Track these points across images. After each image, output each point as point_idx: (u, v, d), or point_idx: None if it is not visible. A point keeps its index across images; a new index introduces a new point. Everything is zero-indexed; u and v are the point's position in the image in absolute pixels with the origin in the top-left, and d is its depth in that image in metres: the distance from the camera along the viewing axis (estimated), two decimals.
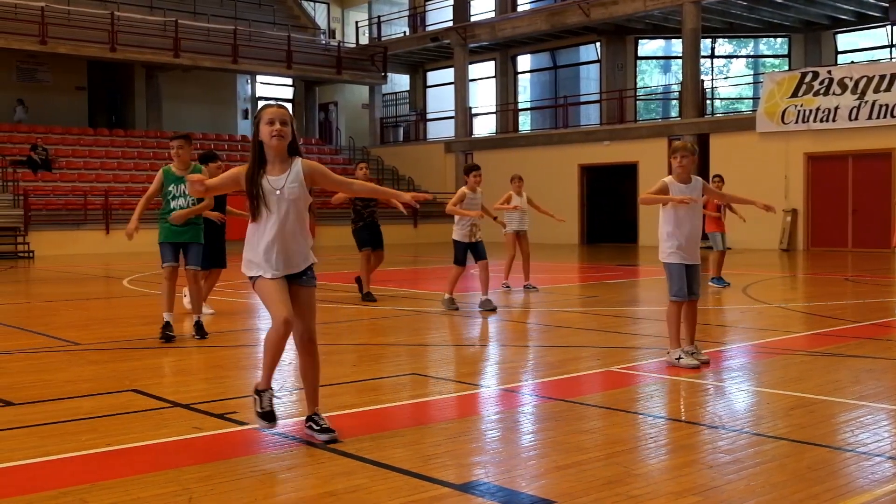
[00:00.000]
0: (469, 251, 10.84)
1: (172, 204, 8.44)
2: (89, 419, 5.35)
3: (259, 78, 37.50)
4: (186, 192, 8.35)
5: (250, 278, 4.86)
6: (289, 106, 38.99)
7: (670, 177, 7.06)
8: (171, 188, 8.45)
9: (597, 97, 32.01)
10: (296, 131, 4.92)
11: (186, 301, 10.40)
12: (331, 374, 6.85)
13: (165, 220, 8.48)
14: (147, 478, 4.17)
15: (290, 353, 7.86)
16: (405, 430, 5.15)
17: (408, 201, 5.14)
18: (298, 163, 4.86)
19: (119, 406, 5.71)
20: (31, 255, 24.09)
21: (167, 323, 8.46)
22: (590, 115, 32.59)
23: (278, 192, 4.75)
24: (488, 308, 10.58)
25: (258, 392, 4.90)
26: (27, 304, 13.09)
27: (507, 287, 13.21)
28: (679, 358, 6.90)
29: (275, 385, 5.32)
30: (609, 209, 29.42)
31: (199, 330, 8.64)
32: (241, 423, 5.18)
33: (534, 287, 13.19)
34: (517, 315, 10.75)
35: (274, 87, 39.17)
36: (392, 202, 5.36)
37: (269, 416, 4.83)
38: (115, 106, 34.82)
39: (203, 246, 8.90)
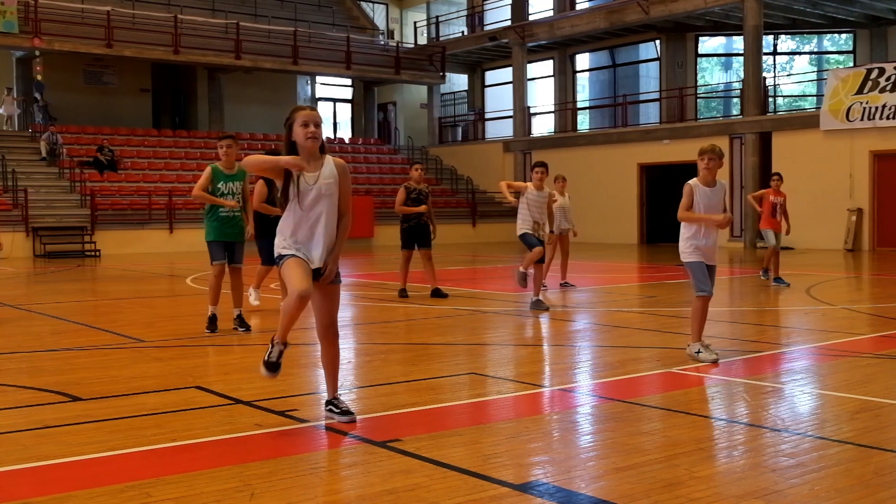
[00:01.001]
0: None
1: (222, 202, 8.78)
2: (154, 415, 5.45)
3: (318, 79, 37.80)
4: (234, 191, 8.78)
5: (277, 258, 5.09)
6: (348, 106, 39.36)
7: (695, 179, 7.17)
8: (219, 185, 8.77)
9: (656, 95, 31.70)
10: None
11: (253, 298, 10.59)
12: (389, 374, 6.90)
13: (213, 220, 8.78)
14: (210, 473, 4.24)
15: (348, 351, 7.95)
16: (464, 429, 5.16)
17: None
18: (330, 160, 5.10)
19: (183, 402, 5.81)
20: (97, 253, 24.59)
21: (213, 316, 8.92)
22: (649, 114, 32.30)
23: (313, 188, 4.96)
24: (540, 308, 10.59)
25: (272, 341, 5.17)
26: (94, 301, 13.36)
27: (568, 286, 13.20)
28: (698, 352, 7.04)
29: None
30: (668, 209, 29.06)
31: (241, 323, 8.99)
32: (302, 421, 5.24)
33: (571, 284, 13.23)
34: (575, 315, 10.70)
35: (333, 88, 39.46)
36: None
37: (272, 367, 5.16)
38: (178, 107, 35.37)
39: (267, 241, 9.20)
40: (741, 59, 28.27)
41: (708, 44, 32.28)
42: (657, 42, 31.61)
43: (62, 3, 29.51)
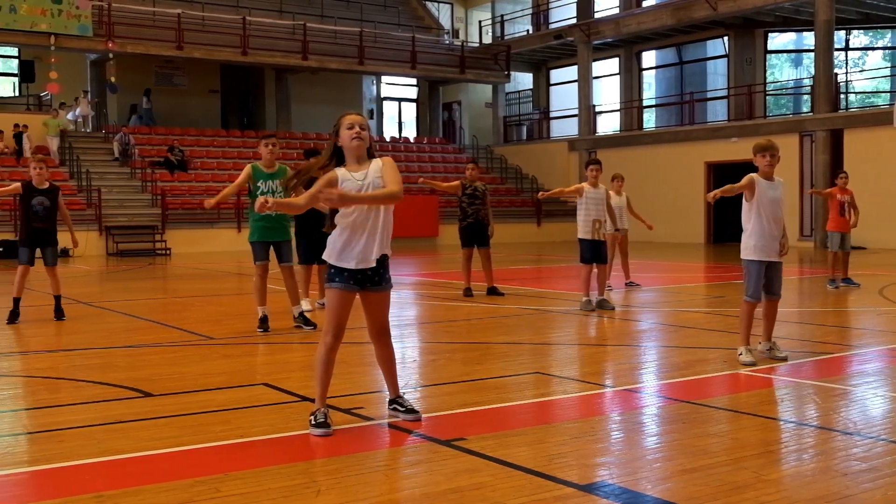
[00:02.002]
0: (592, 251, 10.74)
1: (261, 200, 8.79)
2: (222, 411, 5.54)
3: (384, 78, 38.03)
4: (274, 189, 8.77)
5: (330, 267, 5.05)
6: (413, 106, 39.50)
7: (756, 174, 7.14)
8: (259, 184, 8.83)
9: (724, 93, 31.26)
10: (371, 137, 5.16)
11: (305, 305, 10.65)
12: (454, 373, 6.91)
13: (257, 220, 8.88)
14: (276, 469, 4.29)
15: (412, 350, 7.99)
16: (528, 428, 5.15)
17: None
18: (378, 160, 5.09)
19: (250, 399, 5.89)
20: (168, 252, 25.05)
21: (264, 316, 8.96)
22: (717, 112, 31.86)
23: (363, 188, 4.94)
24: (606, 308, 10.54)
25: (313, 413, 5.01)
26: (164, 299, 13.61)
27: (633, 285, 13.11)
28: (740, 354, 7.02)
29: (400, 382, 5.41)
30: (737, 207, 28.63)
31: (305, 321, 9.10)
32: (368, 419, 5.27)
33: (637, 284, 13.14)
34: (641, 315, 10.61)
35: (398, 87, 39.65)
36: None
37: (323, 426, 4.90)
38: (246, 108, 35.87)
39: (310, 241, 9.41)
40: (812, 55, 27.74)
41: (777, 40, 31.71)
42: (725, 39, 31.16)
43: (134, 7, 30.14)
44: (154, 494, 3.94)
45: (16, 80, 32.93)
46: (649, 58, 34.67)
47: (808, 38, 29.35)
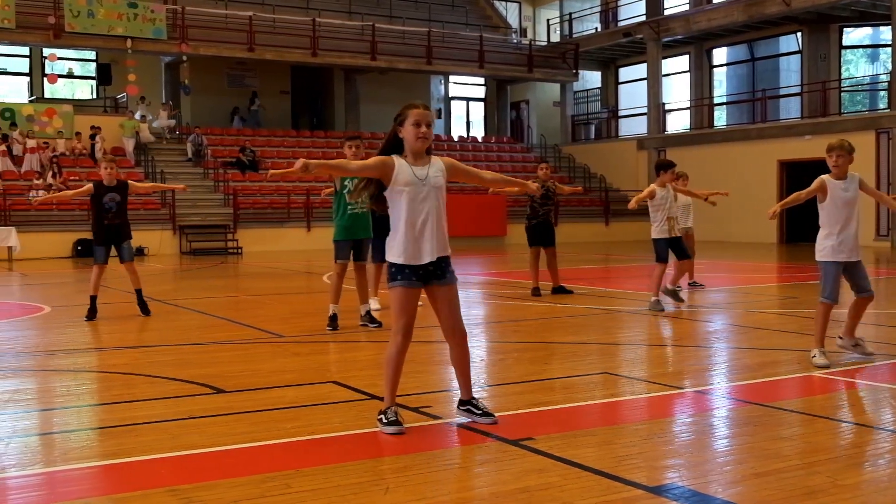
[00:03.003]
0: (670, 248, 10.65)
1: (348, 198, 8.96)
2: (293, 408, 5.61)
3: (452, 78, 38.10)
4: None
5: (391, 266, 5.03)
6: (481, 105, 39.51)
7: (827, 175, 7.09)
8: (346, 182, 8.93)
9: (797, 90, 30.67)
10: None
11: (374, 304, 10.73)
12: (522, 372, 6.90)
13: (342, 219, 9.03)
14: (346, 466, 4.34)
15: (480, 350, 8.00)
16: (597, 429, 5.12)
17: (533, 191, 5.09)
18: (437, 159, 5.10)
19: (320, 396, 5.96)
20: (239, 251, 25.44)
21: (334, 315, 9.05)
22: (790, 109, 31.27)
23: (423, 182, 4.95)
24: (676, 299, 10.51)
25: (382, 412, 5.04)
26: (236, 297, 13.83)
27: (697, 285, 12.92)
28: (814, 356, 6.90)
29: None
30: (810, 207, 28.06)
31: (371, 319, 9.20)
32: (436, 418, 5.30)
33: (700, 284, 12.95)
34: (711, 316, 10.47)
35: (466, 87, 39.69)
36: (524, 190, 5.40)
37: (394, 423, 4.93)
38: (315, 108, 36.24)
39: (383, 239, 9.41)
40: (889, 50, 27.06)
41: (853, 35, 31.01)
42: (798, 34, 30.57)
43: (207, 10, 30.68)
44: (226, 489, 4.01)
45: (93, 82, 33.74)
46: (720, 54, 34.17)
47: (886, 33, 28.65)
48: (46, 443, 5.06)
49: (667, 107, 33.64)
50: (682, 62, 34.59)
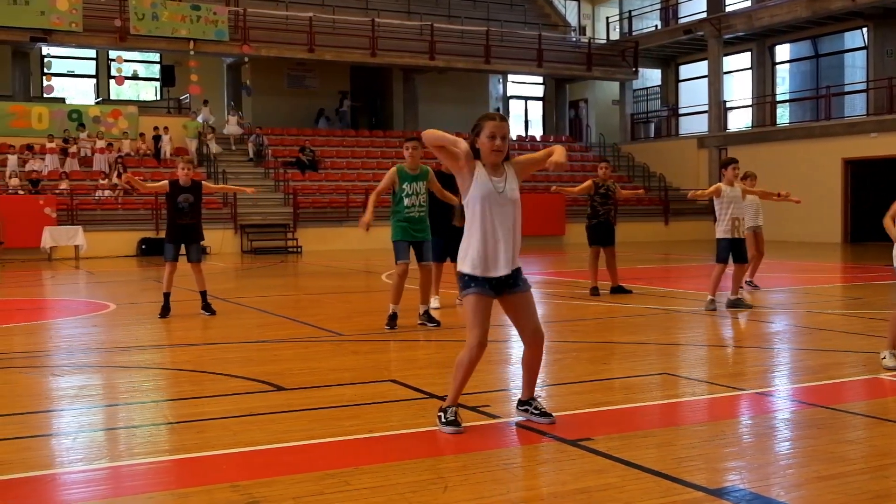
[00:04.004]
0: (731, 251, 10.49)
1: (406, 202, 8.94)
2: (352, 406, 5.66)
3: (510, 77, 38.05)
4: (418, 191, 8.97)
5: (462, 276, 5.00)
6: (539, 104, 39.39)
7: None
8: (404, 186, 8.96)
9: (863, 86, 30.07)
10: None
11: (434, 303, 10.75)
12: (581, 372, 6.88)
13: (399, 220, 9.04)
14: (405, 465, 4.36)
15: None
16: (656, 430, 5.09)
17: (558, 160, 4.97)
18: (511, 166, 5.08)
19: (379, 395, 6.00)
20: (299, 249, 25.69)
21: (394, 314, 9.07)
22: (855, 106, 30.67)
23: (500, 194, 4.95)
24: (741, 307, 10.31)
25: (443, 409, 5.05)
26: (296, 296, 13.97)
27: (752, 286, 12.69)
28: (884, 357, 6.76)
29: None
30: (876, 206, 27.53)
31: (430, 319, 9.23)
32: (494, 417, 5.30)
33: (755, 286, 12.66)
34: (773, 316, 10.32)
35: (525, 86, 39.61)
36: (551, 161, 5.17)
37: (453, 424, 4.96)
38: (374, 108, 36.45)
39: (444, 238, 9.63)
40: None
41: None
42: (864, 30, 29.98)
43: (268, 12, 31.04)
44: (287, 486, 4.06)
45: (157, 84, 34.32)
46: (783, 51, 33.65)
47: None
48: (112, 438, 5.17)
49: (728, 104, 33.21)
50: (743, 59, 34.13)
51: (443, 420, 4.98)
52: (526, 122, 39.66)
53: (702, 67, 34.25)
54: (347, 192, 27.99)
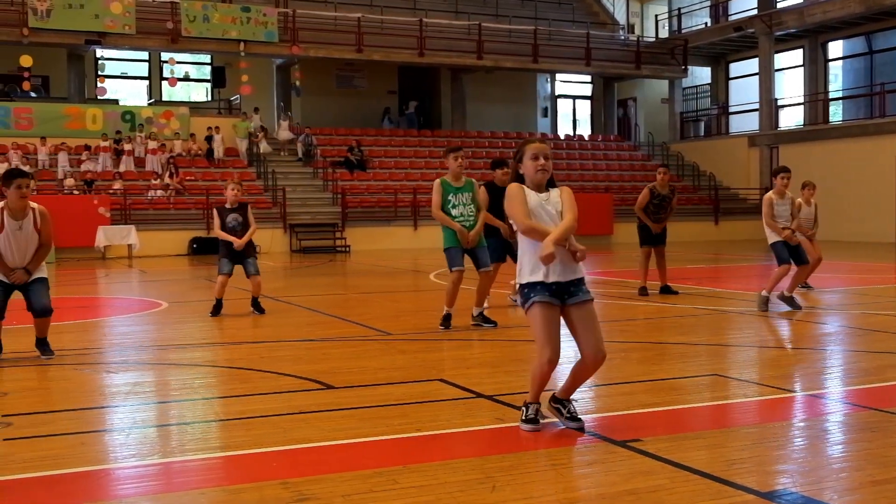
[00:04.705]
0: (790, 252, 10.28)
1: (454, 213, 8.91)
2: (400, 405, 5.68)
3: (558, 76, 37.91)
4: (464, 202, 8.95)
5: (522, 289, 4.97)
6: (587, 103, 39.21)
7: None
8: (450, 198, 8.92)
9: None
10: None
11: (511, 298, 10.78)
12: (630, 372, 6.84)
13: (450, 228, 8.96)
14: (453, 464, 4.37)
15: None
16: (706, 432, 5.05)
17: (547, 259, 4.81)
18: (557, 191, 5.04)
19: (427, 394, 6.02)
20: (347, 249, 25.84)
21: (448, 314, 9.07)
22: None
23: (546, 203, 4.95)
24: (793, 306, 10.17)
25: (526, 404, 5.05)
26: (344, 295, 14.06)
27: (806, 286, 12.46)
28: None
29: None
30: None
31: (485, 319, 9.21)
32: (544, 417, 5.28)
33: (809, 286, 12.45)
34: (825, 317, 10.17)
35: (573, 85, 39.44)
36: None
37: (532, 422, 4.97)
38: (422, 108, 36.53)
39: (497, 241, 9.83)
40: None
41: None
42: None
43: (317, 13, 31.27)
44: (336, 483, 4.09)
45: (208, 85, 34.73)
46: (836, 48, 33.12)
47: None
48: (164, 434, 5.24)
49: (779, 102, 32.79)
50: (795, 56, 33.67)
51: (522, 417, 5.00)
52: (574, 121, 39.49)
53: (752, 65, 33.84)
54: (395, 191, 28.08)
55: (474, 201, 9.05)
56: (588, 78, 38.11)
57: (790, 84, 34.19)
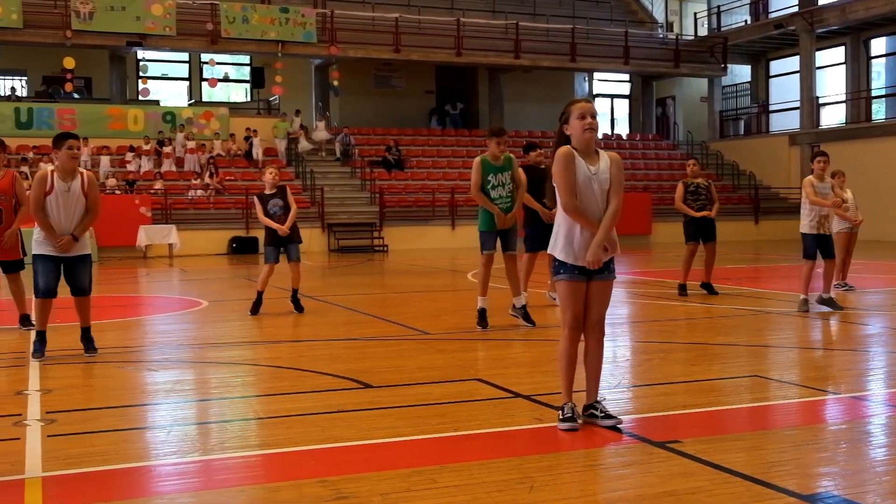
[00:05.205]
0: (818, 246, 10.18)
1: (493, 193, 8.86)
2: (438, 405, 5.70)
3: (596, 75, 37.74)
4: (503, 181, 8.88)
5: (554, 261, 5.04)
6: (625, 102, 39.00)
7: None
8: (490, 178, 8.87)
9: None
10: None
11: (550, 295, 10.73)
12: (669, 373, 6.80)
13: (488, 211, 8.90)
14: (491, 463, 4.37)
15: (626, 349, 7.93)
16: (746, 433, 5.01)
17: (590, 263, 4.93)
18: (605, 154, 5.03)
19: (465, 394, 6.03)
20: (385, 248, 25.91)
21: (482, 310, 9.00)
22: None
23: (594, 176, 4.92)
24: (833, 307, 10.04)
25: (563, 406, 5.05)
26: (382, 294, 14.10)
27: (847, 287, 12.29)
28: None
29: (612, 381, 5.38)
30: None
31: (526, 317, 9.15)
32: (579, 417, 5.27)
33: (850, 286, 12.27)
34: (868, 318, 10.04)
35: (611, 84, 39.24)
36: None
37: (570, 420, 4.97)
38: (456, 107, 36.52)
39: (532, 229, 9.86)
40: None
41: None
42: None
43: (354, 13, 31.38)
44: (374, 482, 4.11)
45: (247, 86, 34.98)
46: (879, 45, 32.65)
47: None
48: (204, 432, 5.30)
49: (821, 100, 32.40)
50: (837, 54, 33.25)
51: (559, 417, 5.00)
52: (612, 120, 39.30)
53: (793, 63, 33.47)
54: (433, 191, 28.12)
55: (514, 180, 9.00)
56: (626, 77, 37.92)
57: (832, 82, 33.77)
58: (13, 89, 30.00)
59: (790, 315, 9.94)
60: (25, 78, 31.62)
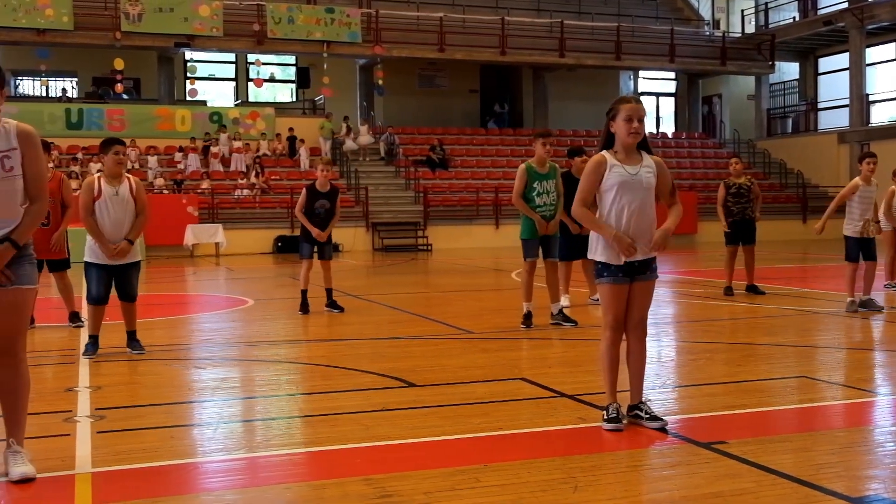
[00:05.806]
0: (860, 249, 10.03)
1: (537, 200, 8.85)
2: (481, 404, 5.70)
3: (641, 73, 37.48)
4: (548, 189, 8.90)
5: (596, 264, 5.05)
6: (671, 100, 38.67)
7: None
8: (534, 185, 8.87)
9: None
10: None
11: (563, 301, 10.67)
12: (715, 373, 6.75)
13: (530, 219, 8.90)
14: (535, 463, 4.37)
15: (671, 349, 7.87)
16: (793, 435, 4.95)
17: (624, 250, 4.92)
18: (650, 159, 5.03)
19: (508, 393, 6.02)
20: (429, 247, 25.96)
21: (528, 313, 9.01)
22: None
23: (634, 177, 4.92)
24: (872, 308, 9.87)
25: (607, 407, 5.05)
26: (426, 293, 14.13)
27: (894, 287, 12.10)
28: None
29: (657, 381, 5.35)
30: None
31: (565, 318, 9.14)
32: (626, 416, 5.24)
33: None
34: None
35: (656, 82, 38.96)
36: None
37: (614, 420, 4.97)
38: (504, 106, 36.48)
39: (571, 237, 9.74)
40: None
41: None
42: None
43: (399, 13, 31.46)
44: (419, 481, 4.13)
45: (293, 86, 35.23)
46: None
47: None
48: (249, 429, 5.35)
49: (871, 98, 31.88)
50: (887, 50, 32.69)
51: (604, 418, 4.99)
52: (657, 118, 39.01)
53: (843, 60, 32.98)
54: (477, 190, 28.12)
55: (557, 188, 9.01)
56: (672, 75, 37.61)
57: (882, 79, 33.20)
58: (64, 90, 30.48)
59: (838, 315, 9.80)
60: (76, 79, 32.12)
